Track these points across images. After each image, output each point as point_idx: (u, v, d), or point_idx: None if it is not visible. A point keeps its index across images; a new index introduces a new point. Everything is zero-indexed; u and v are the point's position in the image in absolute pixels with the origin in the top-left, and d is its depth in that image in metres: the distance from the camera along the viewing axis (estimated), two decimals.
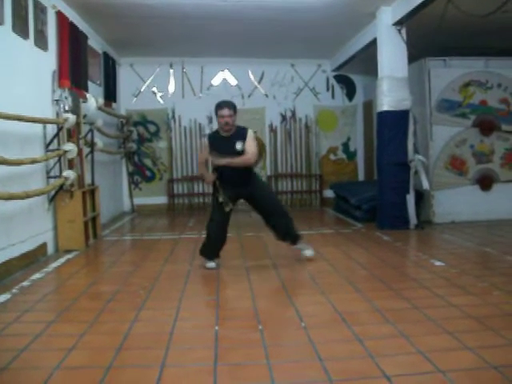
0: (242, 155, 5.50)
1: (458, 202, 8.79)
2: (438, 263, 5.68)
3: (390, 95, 8.16)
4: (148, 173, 12.02)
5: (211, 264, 5.73)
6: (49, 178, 6.74)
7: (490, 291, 4.51)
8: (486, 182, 8.97)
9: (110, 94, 10.35)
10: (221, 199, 5.55)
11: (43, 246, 6.50)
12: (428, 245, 7.24)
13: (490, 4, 5.78)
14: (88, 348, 3.38)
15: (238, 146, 5.52)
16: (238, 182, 5.62)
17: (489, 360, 3.01)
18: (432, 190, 8.64)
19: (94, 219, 7.74)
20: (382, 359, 3.07)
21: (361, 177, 12.78)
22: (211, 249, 5.80)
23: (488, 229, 8.07)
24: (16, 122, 5.47)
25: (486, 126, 8.89)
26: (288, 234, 5.92)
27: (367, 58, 9.82)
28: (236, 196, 5.72)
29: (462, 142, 8.86)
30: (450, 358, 3.08)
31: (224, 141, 5.58)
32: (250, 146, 5.56)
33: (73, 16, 7.80)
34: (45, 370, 3.01)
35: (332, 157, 12.55)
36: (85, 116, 7.70)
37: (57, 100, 6.94)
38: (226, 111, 5.49)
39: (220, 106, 5.57)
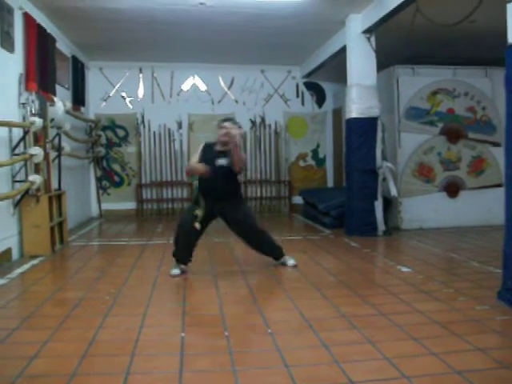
0: (224, 171, 5.36)
1: (425, 208, 8.90)
2: (404, 269, 5.73)
3: (359, 102, 8.22)
4: (116, 178, 11.92)
5: (175, 271, 5.56)
6: (14, 182, 6.63)
7: (456, 297, 4.56)
8: (452, 189, 9.09)
9: (79, 98, 10.25)
10: (198, 212, 5.38)
11: (8, 251, 6.38)
12: (395, 251, 7.30)
13: (457, 14, 5.86)
14: (51, 355, 3.32)
15: (222, 160, 5.38)
16: (219, 195, 5.48)
17: (453, 365, 3.04)
18: (400, 196, 8.73)
19: (60, 224, 7.63)
20: (348, 365, 3.07)
21: (330, 183, 12.86)
22: (182, 249, 5.64)
23: (454, 235, 8.17)
24: None
25: (453, 134, 9.01)
26: (271, 251, 5.94)
27: (337, 65, 9.90)
28: (210, 212, 5.53)
29: (429, 150, 8.97)
30: (416, 363, 3.10)
31: (214, 154, 5.45)
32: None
33: (41, 18, 7.70)
34: (6, 378, 2.94)
35: (301, 163, 12.61)
36: (52, 120, 7.62)
37: (23, 103, 6.83)
38: (227, 123, 5.48)
39: (223, 120, 5.67)
